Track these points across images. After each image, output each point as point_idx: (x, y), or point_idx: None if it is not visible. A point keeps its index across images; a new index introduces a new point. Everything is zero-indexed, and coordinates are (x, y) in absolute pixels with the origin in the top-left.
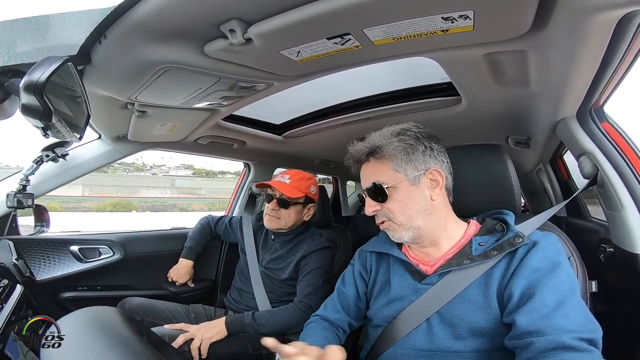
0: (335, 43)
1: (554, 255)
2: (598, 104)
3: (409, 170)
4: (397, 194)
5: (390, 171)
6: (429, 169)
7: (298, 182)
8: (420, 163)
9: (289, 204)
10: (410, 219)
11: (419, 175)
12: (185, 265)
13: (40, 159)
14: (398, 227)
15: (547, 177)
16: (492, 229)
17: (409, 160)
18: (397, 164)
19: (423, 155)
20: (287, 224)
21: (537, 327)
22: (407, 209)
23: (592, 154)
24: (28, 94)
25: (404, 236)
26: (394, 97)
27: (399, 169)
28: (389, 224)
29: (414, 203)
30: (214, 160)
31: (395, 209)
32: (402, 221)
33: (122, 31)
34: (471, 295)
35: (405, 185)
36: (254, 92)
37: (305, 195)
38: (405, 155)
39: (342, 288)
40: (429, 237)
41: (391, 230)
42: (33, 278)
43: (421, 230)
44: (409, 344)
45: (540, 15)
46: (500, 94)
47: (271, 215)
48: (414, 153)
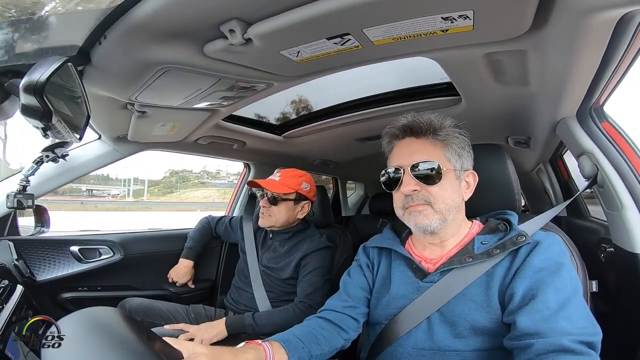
0: (335, 43)
1: (557, 256)
2: (598, 103)
3: (458, 164)
4: (445, 181)
5: (443, 157)
6: (468, 170)
7: (288, 179)
8: (465, 161)
9: (278, 201)
10: (448, 210)
11: (462, 172)
12: (185, 265)
13: (41, 160)
14: (434, 214)
15: (547, 177)
16: (495, 228)
17: (461, 155)
18: (450, 153)
19: (468, 155)
20: (277, 221)
21: (538, 328)
22: (449, 199)
23: (592, 154)
24: (28, 95)
25: (434, 223)
26: (394, 97)
27: (452, 159)
28: (425, 208)
29: (455, 196)
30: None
31: (440, 194)
32: (441, 208)
33: (122, 31)
34: (472, 293)
35: (452, 177)
36: (253, 92)
37: (296, 192)
38: (459, 149)
39: (348, 280)
40: (446, 232)
41: (424, 216)
42: (33, 278)
43: (446, 224)
44: (409, 343)
45: (540, 15)
46: (500, 93)
47: (263, 213)
48: (464, 150)
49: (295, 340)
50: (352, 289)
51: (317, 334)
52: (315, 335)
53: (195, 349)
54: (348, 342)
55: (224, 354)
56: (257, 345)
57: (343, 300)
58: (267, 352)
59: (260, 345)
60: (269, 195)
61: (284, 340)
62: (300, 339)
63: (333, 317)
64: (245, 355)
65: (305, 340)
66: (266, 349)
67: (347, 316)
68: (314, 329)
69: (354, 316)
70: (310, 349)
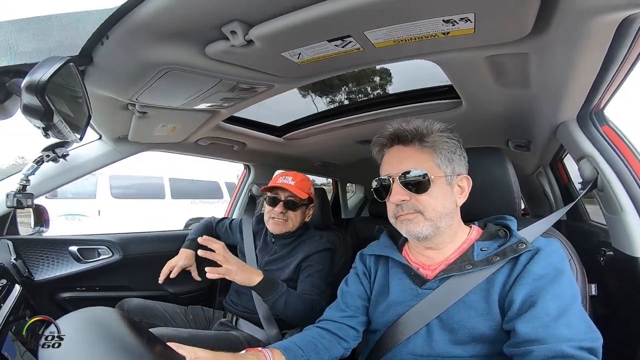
0: (336, 45)
1: (557, 263)
2: (598, 107)
3: (448, 169)
4: (434, 189)
5: (432, 164)
6: (461, 174)
7: (301, 182)
8: (457, 166)
9: (298, 205)
10: (439, 217)
11: (453, 179)
12: (184, 252)
13: (41, 159)
14: (425, 221)
15: (547, 180)
16: (494, 235)
17: (451, 159)
18: (440, 159)
19: (459, 159)
20: (294, 227)
21: (538, 335)
22: (440, 206)
23: (592, 158)
24: (29, 94)
25: (425, 231)
26: (394, 100)
27: (441, 165)
28: (415, 217)
29: (447, 203)
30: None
31: (430, 203)
32: (432, 216)
33: (124, 32)
34: (472, 301)
35: (442, 183)
36: (254, 94)
37: (309, 196)
38: (449, 153)
39: (346, 289)
40: (441, 239)
41: (414, 224)
42: (32, 278)
43: (440, 231)
44: (408, 349)
45: (541, 18)
46: (500, 97)
47: (278, 219)
48: (455, 154)
49: (295, 348)
50: (350, 298)
51: (316, 343)
52: (315, 344)
53: (198, 353)
54: (348, 351)
55: (225, 359)
56: (258, 352)
57: (341, 310)
58: (268, 359)
59: (261, 352)
60: (284, 199)
61: (284, 348)
62: (300, 347)
63: (332, 327)
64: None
65: (305, 348)
66: (267, 355)
67: (346, 326)
68: (313, 338)
69: (353, 325)
70: (310, 357)
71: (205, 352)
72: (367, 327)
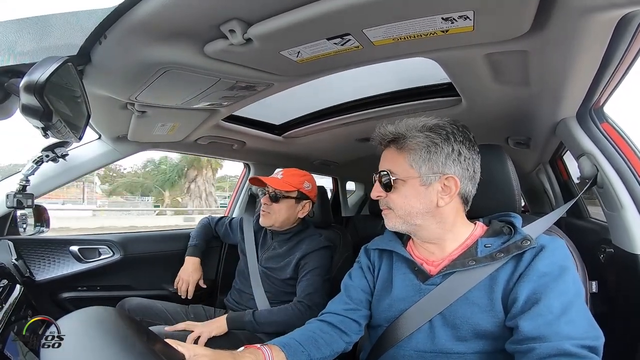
0: (335, 43)
1: (561, 260)
2: (598, 104)
3: (424, 169)
4: (404, 189)
5: (405, 165)
6: (445, 175)
7: (290, 177)
8: (438, 166)
9: (279, 198)
10: (409, 215)
11: (432, 178)
12: (193, 262)
13: (40, 159)
14: (396, 218)
15: (547, 177)
16: (499, 231)
17: (428, 159)
18: (414, 159)
19: (446, 158)
20: (277, 219)
21: (541, 333)
22: (409, 206)
23: (592, 155)
24: (28, 94)
25: (399, 227)
26: (394, 97)
27: (414, 165)
28: (389, 213)
29: (418, 203)
30: None
31: (398, 202)
32: (401, 214)
33: (122, 31)
34: (475, 297)
35: (414, 184)
36: (254, 93)
37: (298, 190)
38: (425, 153)
39: (349, 282)
40: (429, 235)
41: (388, 219)
42: (32, 278)
43: (419, 227)
44: (410, 345)
45: (540, 16)
46: (500, 94)
47: (264, 211)
48: (436, 154)
49: (294, 344)
50: (354, 291)
51: (317, 338)
52: (315, 339)
53: (197, 350)
54: (350, 345)
55: (224, 357)
56: (256, 350)
57: (344, 303)
58: (266, 356)
59: (259, 349)
60: (270, 192)
61: (283, 344)
62: (300, 343)
63: (334, 320)
64: (244, 359)
65: (305, 343)
66: (265, 352)
67: (349, 319)
68: (314, 333)
69: (356, 319)
70: (310, 352)
71: (204, 350)
72: (369, 321)
